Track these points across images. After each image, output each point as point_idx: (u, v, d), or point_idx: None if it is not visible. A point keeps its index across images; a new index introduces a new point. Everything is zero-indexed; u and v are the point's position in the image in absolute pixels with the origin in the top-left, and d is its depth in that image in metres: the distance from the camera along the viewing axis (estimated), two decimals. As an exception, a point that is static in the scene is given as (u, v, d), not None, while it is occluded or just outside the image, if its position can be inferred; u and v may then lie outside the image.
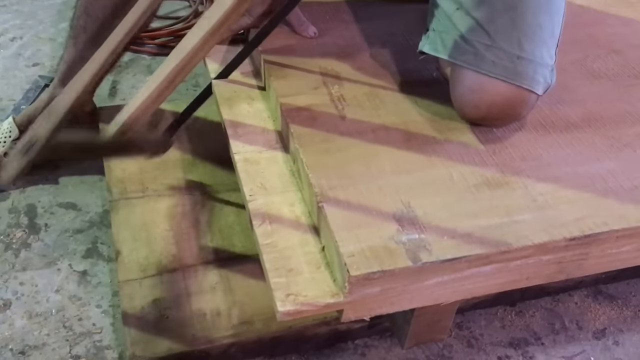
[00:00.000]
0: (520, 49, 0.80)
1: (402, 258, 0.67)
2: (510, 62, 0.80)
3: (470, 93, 0.83)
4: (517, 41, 0.80)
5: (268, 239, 0.74)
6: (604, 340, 0.96)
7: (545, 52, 0.82)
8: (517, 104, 0.82)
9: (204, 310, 0.89)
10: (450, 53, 0.83)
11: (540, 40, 0.81)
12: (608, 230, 0.73)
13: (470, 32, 0.82)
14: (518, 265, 0.72)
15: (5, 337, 0.90)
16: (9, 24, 1.51)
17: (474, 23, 0.82)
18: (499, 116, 0.84)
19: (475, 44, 0.81)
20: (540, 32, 0.81)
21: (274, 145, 0.86)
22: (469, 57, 0.82)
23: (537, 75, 0.81)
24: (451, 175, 0.78)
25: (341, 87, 0.90)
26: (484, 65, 0.81)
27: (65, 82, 1.07)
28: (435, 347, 0.93)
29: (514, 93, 0.81)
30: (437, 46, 0.85)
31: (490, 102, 0.82)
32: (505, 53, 0.80)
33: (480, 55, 0.81)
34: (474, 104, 0.83)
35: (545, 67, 0.82)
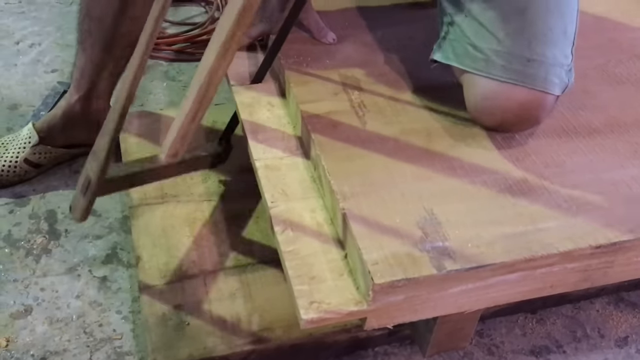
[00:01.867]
0: (530, 51, 0.80)
1: (426, 266, 0.67)
2: (521, 65, 0.79)
3: (484, 100, 0.82)
4: (526, 44, 0.80)
5: (290, 246, 0.73)
6: (627, 348, 0.95)
7: (558, 52, 0.81)
8: (532, 107, 0.81)
9: (224, 316, 0.89)
10: (461, 60, 0.83)
11: (551, 41, 0.81)
12: (634, 238, 0.72)
13: (479, 39, 0.82)
14: (543, 273, 0.71)
15: (27, 342, 0.91)
16: (27, 30, 1.53)
17: (482, 29, 0.82)
18: (516, 121, 0.83)
19: (485, 51, 0.81)
20: (550, 34, 0.81)
21: (294, 151, 0.86)
22: (479, 64, 0.81)
23: (551, 76, 0.80)
24: (474, 182, 0.77)
25: (361, 93, 0.90)
26: (495, 70, 0.80)
27: (80, 89, 1.10)
28: (456, 355, 0.93)
29: (528, 97, 0.80)
30: (448, 54, 0.85)
31: (505, 108, 0.81)
32: (515, 57, 0.80)
33: (490, 62, 0.81)
34: (488, 111, 0.83)
35: (560, 67, 0.81)
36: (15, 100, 1.32)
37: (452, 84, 0.93)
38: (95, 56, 1.06)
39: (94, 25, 1.03)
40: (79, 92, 1.10)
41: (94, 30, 1.03)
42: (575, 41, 0.84)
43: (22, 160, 1.10)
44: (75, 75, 1.10)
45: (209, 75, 0.76)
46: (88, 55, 1.06)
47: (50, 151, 1.12)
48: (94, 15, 1.02)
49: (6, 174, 1.10)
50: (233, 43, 0.74)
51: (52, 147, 1.12)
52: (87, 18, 1.03)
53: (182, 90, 1.37)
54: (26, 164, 1.11)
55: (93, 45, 1.05)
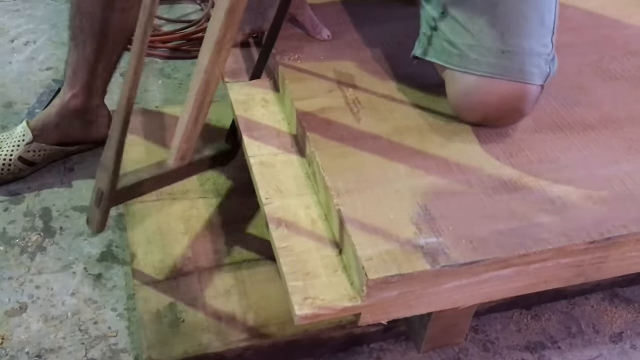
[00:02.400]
0: (503, 43, 0.79)
1: (420, 261, 0.67)
2: (495, 57, 0.79)
3: (464, 96, 0.82)
4: (499, 36, 0.79)
5: (284, 242, 0.73)
6: (621, 344, 0.96)
7: (534, 42, 0.80)
8: (513, 99, 0.81)
9: (219, 313, 0.89)
10: (439, 57, 0.83)
11: (526, 31, 0.80)
12: (627, 233, 0.72)
13: (453, 34, 0.82)
14: (536, 269, 0.71)
15: (22, 340, 0.91)
16: (22, 28, 1.52)
17: (457, 25, 0.82)
18: (499, 115, 0.83)
19: (459, 46, 0.81)
20: (525, 24, 0.80)
21: (289, 148, 0.86)
22: (454, 60, 0.82)
23: (527, 66, 0.80)
24: (468, 178, 0.77)
25: (356, 90, 0.90)
26: (470, 65, 0.80)
27: (73, 86, 1.09)
28: (451, 350, 0.93)
29: (506, 89, 0.80)
30: (427, 50, 0.85)
31: (485, 102, 0.81)
32: (489, 50, 0.80)
33: (464, 56, 0.81)
34: (469, 106, 0.83)
35: (538, 57, 0.80)
36: (9, 98, 1.31)
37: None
38: (87, 52, 1.06)
39: (84, 20, 1.03)
40: (72, 89, 1.10)
41: (85, 25, 1.03)
42: (556, 29, 0.84)
43: (16, 158, 1.10)
44: (68, 72, 1.10)
45: (206, 76, 0.77)
46: (80, 52, 1.06)
47: (44, 149, 1.12)
48: (85, 10, 1.02)
49: (0, 172, 1.10)
50: (225, 43, 0.75)
51: (46, 144, 1.12)
52: (78, 14, 1.03)
53: (177, 87, 1.37)
54: (20, 161, 1.11)
55: (85, 41, 1.05)
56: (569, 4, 1.09)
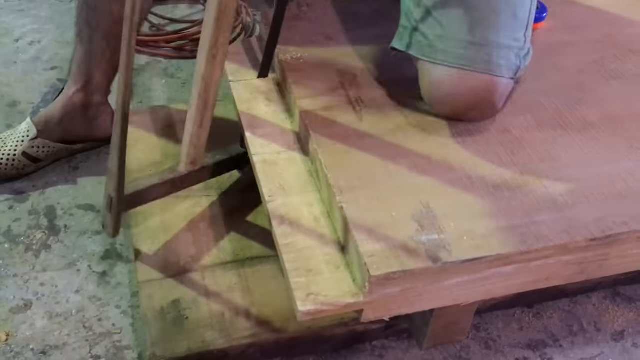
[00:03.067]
0: (471, 35, 0.80)
1: (422, 258, 0.68)
2: (462, 49, 0.80)
3: (433, 88, 0.83)
4: (467, 28, 0.80)
5: (288, 239, 0.74)
6: (623, 342, 0.96)
7: (503, 36, 0.81)
8: (481, 91, 0.81)
9: (223, 310, 0.89)
10: (410, 47, 0.84)
11: (495, 25, 0.81)
12: (628, 230, 0.72)
13: (425, 25, 0.83)
14: (538, 266, 0.72)
15: (27, 337, 0.91)
16: (27, 28, 1.53)
17: (428, 16, 0.83)
18: (469, 107, 0.83)
19: (429, 36, 0.82)
20: (494, 17, 0.81)
21: (292, 146, 0.86)
22: (425, 50, 0.82)
23: (494, 58, 0.80)
24: (470, 176, 0.78)
25: (358, 88, 0.91)
26: (437, 55, 0.81)
27: (77, 81, 1.11)
28: (452, 348, 0.93)
29: (473, 81, 0.80)
30: (403, 41, 0.86)
31: (453, 94, 0.81)
32: (457, 41, 0.80)
33: (433, 47, 0.81)
34: (439, 99, 0.83)
35: (507, 50, 0.81)
36: (14, 97, 1.32)
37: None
38: (93, 47, 1.07)
39: (92, 14, 1.04)
40: (76, 84, 1.11)
41: (92, 20, 1.04)
42: (531, 24, 0.84)
43: (20, 154, 1.11)
44: (73, 68, 1.11)
45: (205, 81, 0.79)
46: (86, 47, 1.07)
47: (48, 145, 1.13)
48: (92, 4, 1.03)
49: (4, 167, 1.11)
50: (219, 48, 0.77)
51: (50, 141, 1.13)
52: (85, 7, 1.04)
53: (181, 87, 1.38)
54: (24, 157, 1.11)
55: (91, 36, 1.06)
56: (571, 2, 1.10)
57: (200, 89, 0.80)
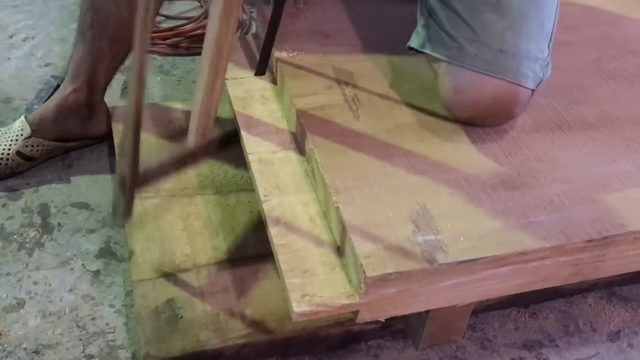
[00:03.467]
0: (503, 42, 0.79)
1: (418, 259, 0.67)
2: (493, 55, 0.79)
3: (456, 92, 0.82)
4: (500, 35, 0.79)
5: (283, 239, 0.74)
6: (619, 342, 0.96)
7: (532, 45, 0.80)
8: (505, 100, 0.80)
9: (218, 310, 0.89)
10: (435, 48, 0.83)
11: (526, 33, 0.80)
12: (625, 232, 0.72)
13: (454, 27, 0.81)
14: (534, 267, 0.72)
15: (19, 336, 0.91)
16: (21, 24, 1.52)
17: (457, 18, 0.81)
18: (489, 114, 0.82)
19: (459, 39, 0.80)
20: (525, 26, 0.80)
21: (287, 145, 0.86)
22: (452, 52, 0.81)
23: (523, 68, 0.79)
24: (466, 176, 0.78)
25: (355, 87, 0.90)
26: (467, 59, 0.80)
27: (75, 81, 1.09)
28: (448, 348, 0.93)
29: (499, 88, 0.79)
30: (424, 42, 0.84)
31: (477, 99, 0.81)
32: (488, 47, 0.79)
33: (463, 50, 0.80)
34: (460, 103, 0.82)
35: (534, 61, 0.80)
36: (8, 94, 1.31)
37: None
38: (95, 48, 1.05)
39: (96, 17, 1.02)
40: (73, 84, 1.10)
41: (96, 22, 1.02)
42: (553, 37, 0.83)
43: (14, 153, 1.10)
44: (71, 67, 1.09)
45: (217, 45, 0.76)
46: (87, 47, 1.05)
47: (42, 144, 1.12)
48: (97, 7, 1.01)
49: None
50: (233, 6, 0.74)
51: (44, 139, 1.12)
52: (90, 10, 1.02)
53: (176, 84, 1.37)
54: (18, 156, 1.11)
55: (93, 38, 1.04)
56: (569, 1, 1.09)
57: (211, 55, 0.76)
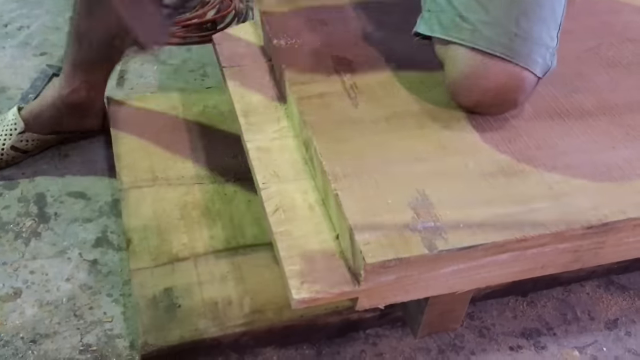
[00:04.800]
0: (517, 26, 0.77)
1: (418, 246, 0.67)
2: (508, 39, 0.77)
3: (465, 78, 0.80)
4: (514, 18, 0.78)
5: (282, 227, 0.73)
6: (616, 330, 0.96)
7: (544, 32, 0.79)
8: (514, 85, 0.79)
9: (216, 299, 0.88)
10: (446, 31, 0.81)
11: (539, 19, 0.78)
12: (625, 218, 0.72)
13: (467, 9, 0.79)
14: (534, 254, 0.71)
15: (16, 325, 0.90)
16: (15, 13, 1.51)
17: (471, 1, 0.79)
18: (494, 102, 0.81)
19: (472, 21, 0.79)
20: (539, 11, 0.78)
21: (286, 133, 0.85)
22: (465, 34, 0.79)
23: (534, 54, 0.78)
24: (466, 163, 0.77)
25: (354, 75, 0.89)
26: (481, 41, 0.78)
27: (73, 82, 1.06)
28: (447, 336, 0.93)
29: (510, 73, 0.78)
30: (432, 26, 0.82)
31: (485, 84, 0.79)
32: (503, 29, 0.77)
33: (477, 32, 0.78)
34: (468, 88, 0.80)
35: (545, 48, 0.79)
36: (3, 83, 1.30)
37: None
38: (90, 51, 1.01)
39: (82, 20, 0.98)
40: (71, 85, 1.06)
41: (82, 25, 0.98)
42: (562, 26, 0.82)
43: (8, 148, 1.09)
44: (66, 68, 1.06)
45: None
46: (81, 48, 1.01)
47: (37, 138, 1.11)
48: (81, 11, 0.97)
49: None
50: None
51: (39, 134, 1.11)
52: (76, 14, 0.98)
53: (172, 73, 1.36)
54: (13, 150, 1.10)
55: (91, 42, 1.00)
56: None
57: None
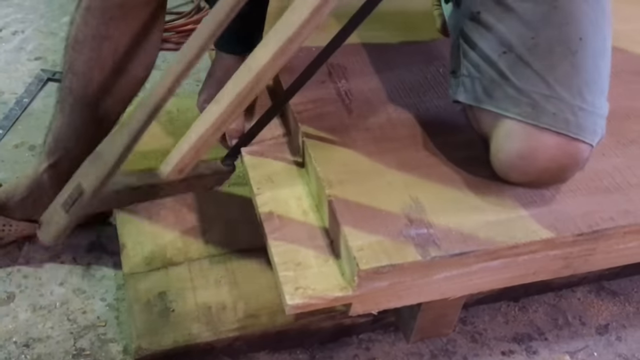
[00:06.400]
0: (582, 99, 0.70)
1: (411, 252, 0.68)
2: (572, 114, 0.70)
3: (521, 158, 0.72)
4: (578, 90, 0.70)
5: (276, 232, 0.74)
6: (607, 335, 0.97)
7: (602, 101, 0.73)
8: (572, 164, 0.72)
9: (210, 303, 0.89)
10: (499, 104, 0.72)
11: (599, 88, 0.72)
12: (615, 225, 0.73)
13: (524, 81, 0.71)
14: (525, 260, 0.72)
15: (9, 329, 0.90)
16: (10, 17, 1.51)
17: (528, 70, 0.71)
18: (549, 179, 0.75)
19: (532, 95, 0.70)
20: (599, 79, 0.72)
21: (280, 138, 0.86)
22: (524, 110, 0.70)
23: (597, 127, 0.72)
24: (459, 170, 0.78)
25: (348, 81, 0.90)
26: (544, 118, 0.69)
27: (51, 155, 0.93)
28: (439, 341, 0.94)
29: (570, 151, 0.71)
30: (477, 95, 0.74)
31: (543, 166, 0.72)
32: (567, 104, 0.70)
33: (539, 108, 0.70)
34: (524, 169, 0.73)
35: (603, 118, 0.73)
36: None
37: (438, 73, 0.93)
38: (75, 117, 0.90)
39: (75, 80, 0.88)
40: (49, 159, 0.93)
41: (75, 86, 0.88)
42: None
43: None
44: (48, 139, 0.93)
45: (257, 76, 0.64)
46: (67, 116, 0.90)
47: (10, 223, 0.97)
48: (77, 70, 0.87)
49: None
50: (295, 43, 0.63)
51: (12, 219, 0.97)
52: (69, 74, 0.88)
53: (167, 78, 1.36)
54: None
55: (72, 104, 0.89)
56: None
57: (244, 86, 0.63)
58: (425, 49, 0.97)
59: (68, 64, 0.88)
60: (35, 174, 0.95)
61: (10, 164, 1.15)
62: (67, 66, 0.88)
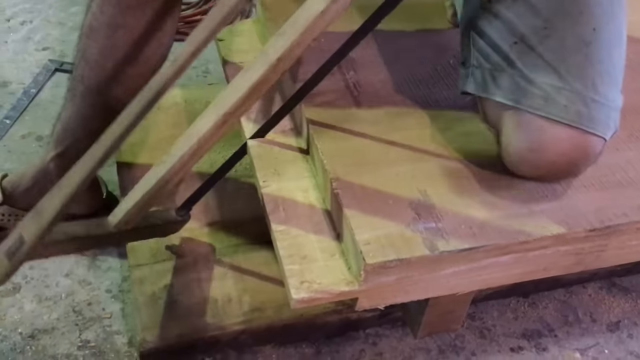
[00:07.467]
0: (594, 91, 0.69)
1: (419, 247, 0.66)
2: (585, 106, 0.68)
3: (532, 151, 0.70)
4: (591, 82, 0.68)
5: (282, 225, 0.73)
6: (618, 333, 0.96)
7: (616, 93, 0.71)
8: (583, 157, 0.71)
9: (215, 296, 0.88)
10: (509, 95, 0.71)
11: (613, 80, 0.71)
12: (628, 221, 0.71)
13: (535, 71, 0.69)
14: (536, 256, 0.71)
15: (15, 320, 0.90)
16: (18, 7, 1.50)
17: (540, 60, 0.69)
18: (559, 175, 0.73)
19: (543, 86, 0.69)
20: (613, 71, 0.70)
21: (287, 131, 0.85)
22: (536, 101, 0.69)
23: (610, 120, 0.70)
24: (468, 164, 0.77)
25: (356, 73, 0.89)
26: (555, 110, 0.68)
27: (59, 144, 0.92)
28: (447, 337, 0.93)
29: (582, 144, 0.69)
30: (487, 86, 0.73)
31: (553, 159, 0.70)
32: (579, 96, 0.68)
33: (551, 99, 0.68)
34: (534, 163, 0.71)
35: (616, 111, 0.71)
36: (5, 77, 1.30)
37: (448, 64, 0.92)
38: (85, 107, 0.89)
39: (88, 69, 0.86)
40: (56, 148, 0.92)
41: (87, 75, 0.86)
42: None
43: None
44: (57, 128, 0.92)
45: (199, 143, 0.67)
46: (77, 105, 0.89)
47: (15, 213, 0.96)
48: (90, 58, 0.85)
49: None
50: (234, 117, 0.66)
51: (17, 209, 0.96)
52: (82, 61, 0.86)
53: (175, 69, 1.35)
54: None
55: (83, 93, 0.88)
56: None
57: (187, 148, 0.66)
58: (435, 40, 0.96)
59: (81, 52, 0.86)
60: (42, 163, 0.94)
61: (17, 154, 1.15)
62: (80, 54, 0.86)
